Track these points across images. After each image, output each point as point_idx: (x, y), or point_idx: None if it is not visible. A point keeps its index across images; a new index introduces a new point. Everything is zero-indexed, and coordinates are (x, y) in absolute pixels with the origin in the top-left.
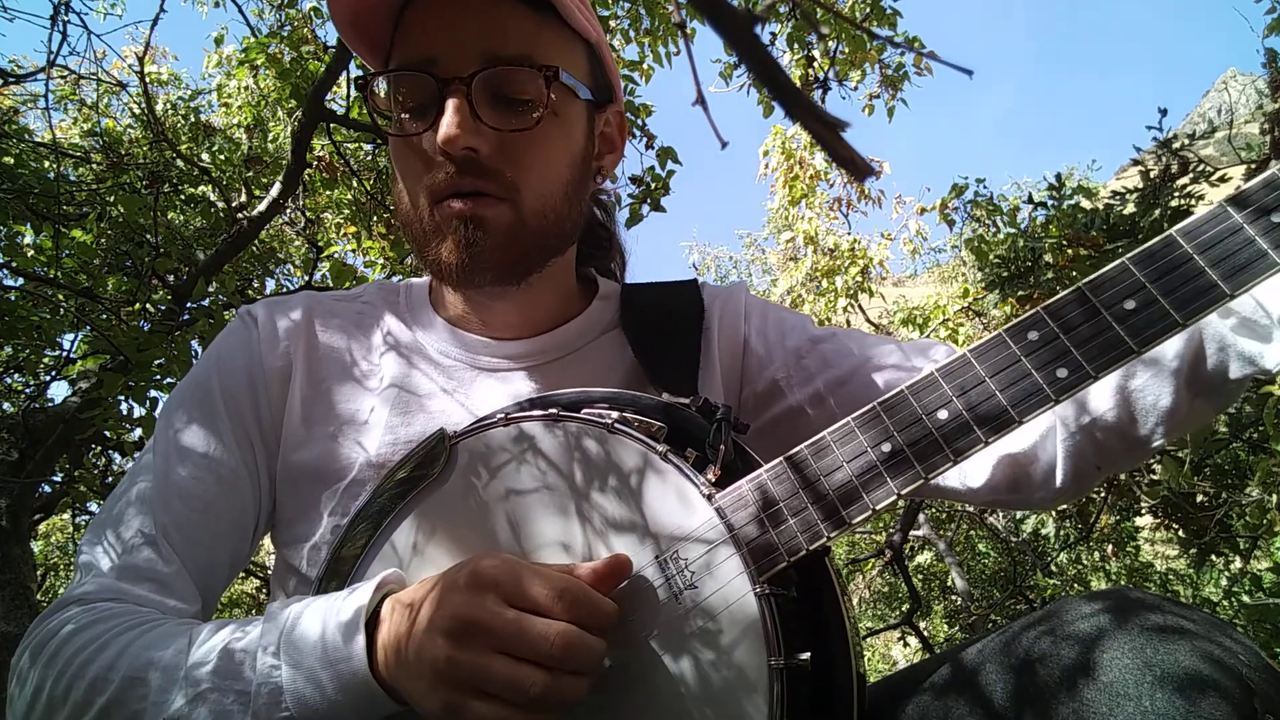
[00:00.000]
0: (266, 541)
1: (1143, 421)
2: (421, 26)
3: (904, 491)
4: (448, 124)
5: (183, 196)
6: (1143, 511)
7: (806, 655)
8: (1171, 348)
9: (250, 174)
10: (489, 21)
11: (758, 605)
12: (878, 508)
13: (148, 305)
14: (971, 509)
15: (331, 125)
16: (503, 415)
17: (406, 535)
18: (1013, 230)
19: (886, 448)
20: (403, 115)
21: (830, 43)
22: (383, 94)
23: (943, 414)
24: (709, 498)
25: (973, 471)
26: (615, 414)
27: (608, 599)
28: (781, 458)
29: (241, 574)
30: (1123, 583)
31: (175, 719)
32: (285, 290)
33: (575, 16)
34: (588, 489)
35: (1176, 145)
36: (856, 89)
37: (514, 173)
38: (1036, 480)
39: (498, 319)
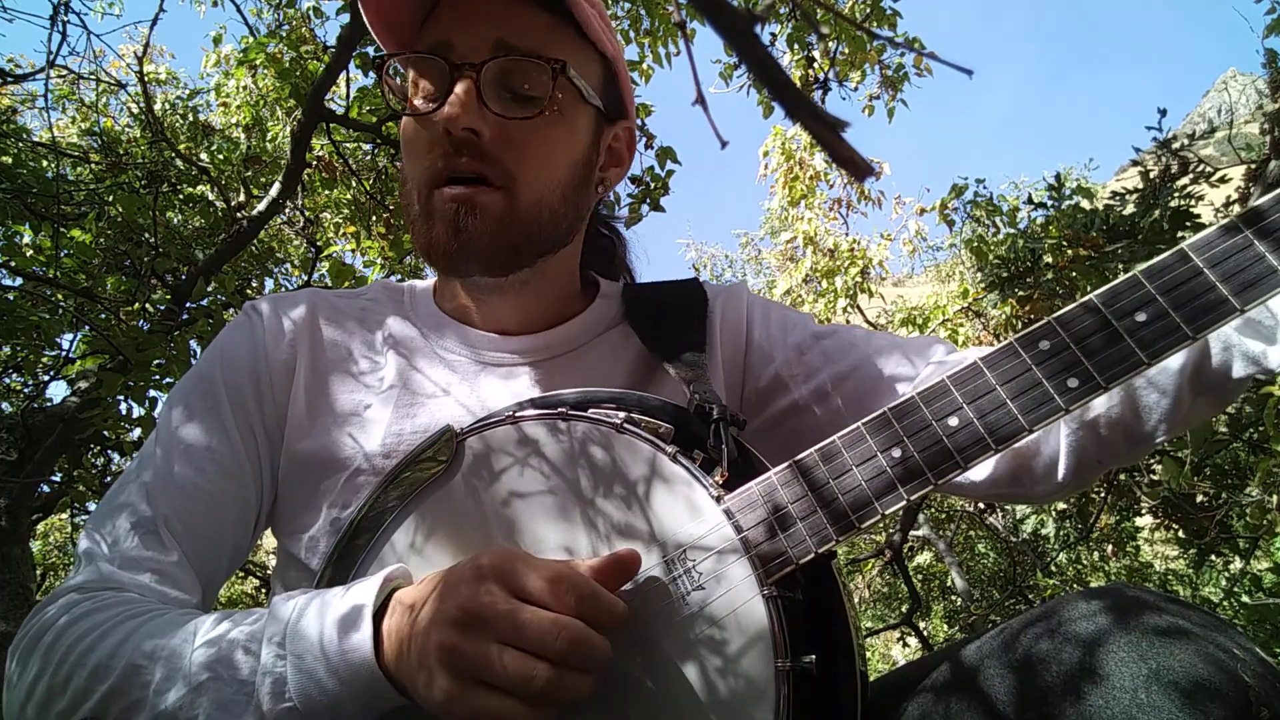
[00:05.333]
0: (266, 543)
1: (1146, 418)
2: (443, 17)
3: (913, 497)
4: (451, 103)
5: (181, 196)
6: (1143, 511)
7: (811, 658)
8: None
9: (249, 174)
10: (507, 17)
11: (765, 608)
12: (886, 513)
13: (147, 305)
14: (971, 508)
15: (331, 125)
16: (509, 414)
17: (410, 532)
18: (1012, 231)
19: (896, 453)
20: (417, 100)
21: (830, 43)
22: (399, 81)
23: (953, 421)
24: (717, 500)
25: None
26: (622, 414)
27: (616, 598)
28: (790, 461)
29: (241, 573)
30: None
31: (177, 708)
32: (285, 290)
33: (592, 27)
34: (594, 491)
35: (1176, 145)
36: (856, 89)
37: (512, 162)
38: (1038, 474)
39: (499, 316)
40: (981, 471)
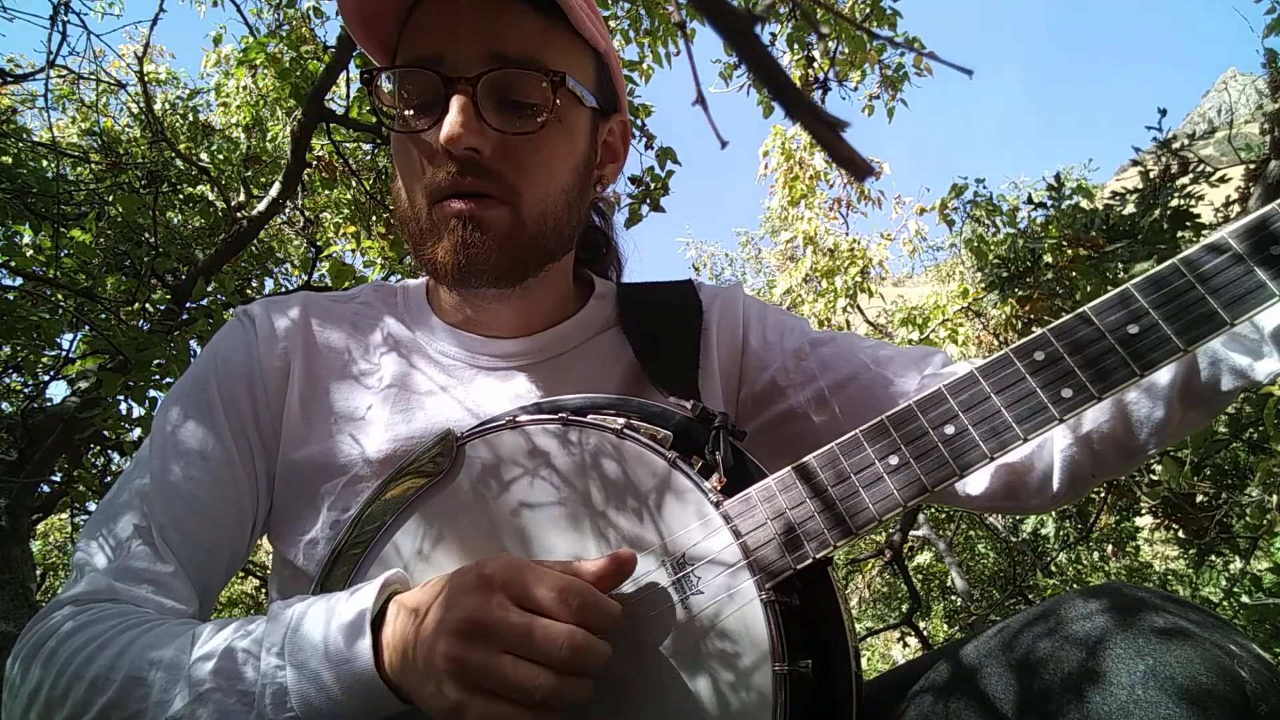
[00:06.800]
0: (265, 541)
1: (1138, 432)
2: (430, 24)
3: (910, 504)
4: (451, 123)
5: (181, 196)
6: (1143, 511)
7: (808, 662)
8: None
9: (249, 174)
10: (497, 22)
11: (763, 612)
12: (883, 518)
13: (147, 305)
14: None
15: (331, 125)
16: (510, 419)
17: (410, 536)
18: (1012, 231)
19: (893, 460)
20: (406, 112)
21: (830, 43)
22: (387, 90)
23: (949, 429)
24: (716, 505)
25: (971, 480)
26: (621, 420)
27: (613, 601)
28: (789, 467)
29: (240, 574)
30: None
31: (177, 719)
32: (284, 290)
33: (584, 23)
34: (594, 495)
35: (1176, 145)
36: (856, 89)
37: (515, 176)
38: (1033, 488)
39: (494, 319)
40: (978, 485)
